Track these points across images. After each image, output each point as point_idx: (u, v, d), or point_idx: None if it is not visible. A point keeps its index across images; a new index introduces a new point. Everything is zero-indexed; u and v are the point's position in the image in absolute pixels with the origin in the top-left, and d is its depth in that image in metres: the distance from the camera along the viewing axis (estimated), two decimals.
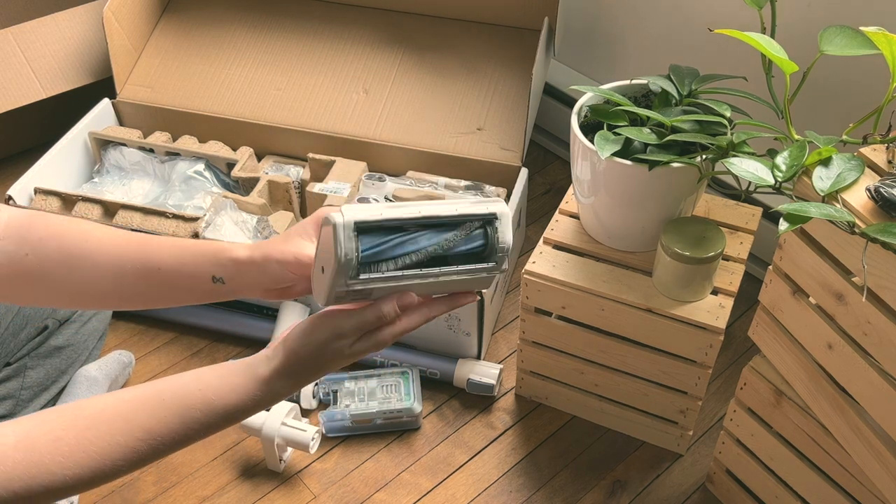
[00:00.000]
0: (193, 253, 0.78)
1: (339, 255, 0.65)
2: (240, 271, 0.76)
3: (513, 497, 1.25)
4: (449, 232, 0.69)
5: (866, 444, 0.90)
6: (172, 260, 0.78)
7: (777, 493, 1.10)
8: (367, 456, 1.29)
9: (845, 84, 1.25)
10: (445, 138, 1.52)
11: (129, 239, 0.79)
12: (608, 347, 1.20)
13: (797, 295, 0.94)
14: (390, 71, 1.60)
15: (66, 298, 0.82)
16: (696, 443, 1.31)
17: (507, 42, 1.60)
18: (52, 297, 0.82)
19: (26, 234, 0.78)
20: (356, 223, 0.65)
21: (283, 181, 1.47)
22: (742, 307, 1.47)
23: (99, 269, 0.78)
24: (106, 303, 0.83)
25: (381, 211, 0.66)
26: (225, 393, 0.70)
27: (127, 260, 0.78)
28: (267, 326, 1.41)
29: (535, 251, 1.20)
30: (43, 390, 1.22)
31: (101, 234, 0.80)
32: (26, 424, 0.66)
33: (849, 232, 0.79)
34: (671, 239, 1.07)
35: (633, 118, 1.09)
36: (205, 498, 1.25)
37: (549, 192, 1.72)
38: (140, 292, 0.79)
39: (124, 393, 0.70)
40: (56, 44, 1.66)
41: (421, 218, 0.67)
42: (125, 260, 0.78)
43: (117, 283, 0.79)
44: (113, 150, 1.58)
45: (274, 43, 1.66)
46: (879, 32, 0.79)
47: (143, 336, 1.46)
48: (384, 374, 1.33)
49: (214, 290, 0.78)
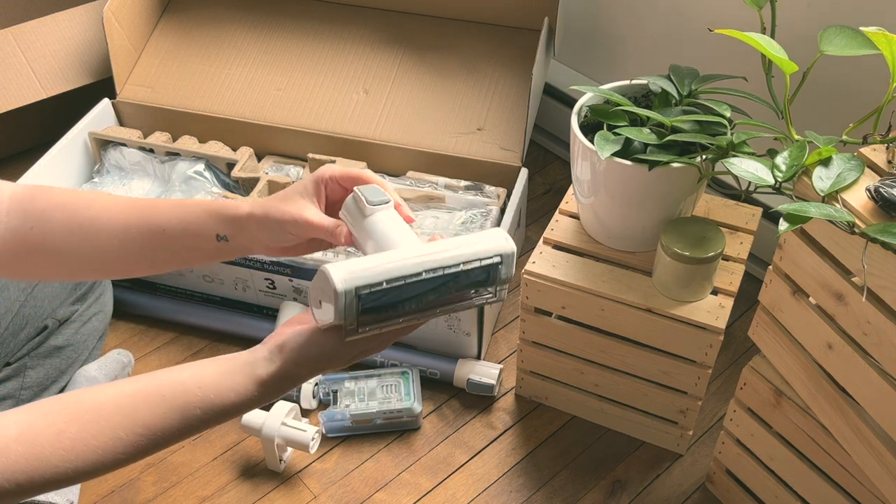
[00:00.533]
0: (197, 212, 0.78)
1: (340, 320, 0.65)
2: (242, 228, 0.77)
3: (513, 497, 1.25)
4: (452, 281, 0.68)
5: (866, 444, 0.90)
6: (176, 220, 0.78)
7: (777, 493, 1.10)
8: (367, 456, 1.29)
9: (845, 84, 1.25)
10: (445, 138, 1.52)
11: (132, 204, 0.80)
12: (608, 347, 1.20)
13: (797, 295, 0.94)
14: (390, 71, 1.60)
15: (75, 269, 0.82)
16: (696, 443, 1.31)
17: (507, 42, 1.60)
18: (61, 269, 0.82)
19: (29, 207, 0.79)
20: (357, 291, 0.64)
21: (283, 181, 1.47)
22: (742, 307, 1.47)
23: (105, 236, 0.79)
24: (114, 270, 0.83)
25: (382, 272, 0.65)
26: (224, 392, 0.70)
27: (132, 224, 0.78)
28: (267, 326, 1.41)
29: (535, 251, 1.20)
30: (43, 390, 1.22)
31: (105, 201, 0.80)
32: (28, 416, 0.67)
33: (849, 232, 0.79)
34: (671, 239, 1.07)
35: (633, 118, 1.09)
36: (205, 498, 1.25)
37: (549, 192, 1.72)
38: (147, 255, 0.80)
39: (125, 385, 0.71)
40: (56, 44, 1.66)
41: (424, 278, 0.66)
42: (130, 224, 0.78)
43: (124, 248, 0.79)
44: (113, 150, 1.58)
45: (274, 43, 1.66)
46: (879, 32, 0.79)
47: (143, 336, 1.46)
48: (384, 374, 1.33)
49: (219, 249, 0.78)
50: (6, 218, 0.78)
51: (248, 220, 0.77)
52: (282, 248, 0.79)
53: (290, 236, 0.77)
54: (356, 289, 0.64)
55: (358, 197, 0.74)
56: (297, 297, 1.40)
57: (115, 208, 0.80)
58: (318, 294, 0.68)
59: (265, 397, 0.72)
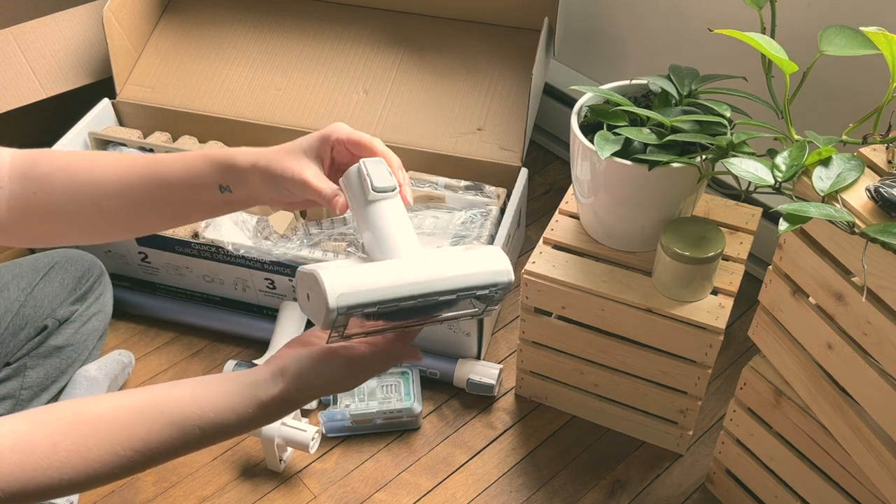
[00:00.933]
0: (199, 163, 0.76)
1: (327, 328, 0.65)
2: (244, 178, 0.75)
3: (513, 497, 1.25)
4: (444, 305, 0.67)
5: (866, 444, 0.90)
6: (179, 172, 0.77)
7: (777, 493, 1.10)
8: (367, 456, 1.29)
9: (845, 84, 1.25)
10: (445, 138, 1.52)
11: (134, 160, 0.79)
12: (608, 347, 1.20)
13: (797, 295, 0.94)
14: (390, 71, 1.60)
15: (82, 231, 0.81)
16: (696, 443, 1.31)
17: (507, 42, 1.60)
18: (68, 233, 0.81)
19: (30, 171, 0.78)
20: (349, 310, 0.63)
21: None
22: (742, 307, 1.46)
23: (109, 195, 0.77)
24: (119, 228, 0.82)
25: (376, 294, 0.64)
26: (223, 412, 0.70)
27: (135, 180, 0.77)
28: (267, 326, 1.41)
29: (535, 251, 1.20)
30: (43, 390, 1.22)
31: (107, 159, 0.79)
32: (24, 425, 0.66)
33: (849, 232, 0.79)
34: (671, 239, 1.07)
35: (633, 118, 1.09)
36: (205, 498, 1.25)
37: (549, 192, 1.72)
38: (151, 211, 0.79)
39: (123, 398, 0.70)
40: (56, 44, 1.66)
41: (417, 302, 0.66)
42: (134, 180, 0.77)
43: (128, 206, 0.78)
44: (113, 150, 1.58)
45: (274, 43, 1.66)
46: (879, 32, 0.79)
47: (143, 336, 1.46)
48: (384, 374, 1.33)
49: (223, 200, 0.77)
50: (8, 183, 0.77)
51: (250, 172, 0.74)
52: (284, 202, 0.76)
53: (286, 192, 0.74)
54: (348, 308, 0.63)
55: (363, 176, 0.70)
56: (296, 297, 1.40)
57: (118, 165, 0.78)
58: (307, 289, 0.67)
59: (265, 419, 0.72)
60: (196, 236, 1.37)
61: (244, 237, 1.36)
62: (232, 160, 0.75)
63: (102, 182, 0.77)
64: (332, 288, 0.63)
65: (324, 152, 0.74)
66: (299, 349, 0.72)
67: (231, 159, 0.75)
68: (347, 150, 0.75)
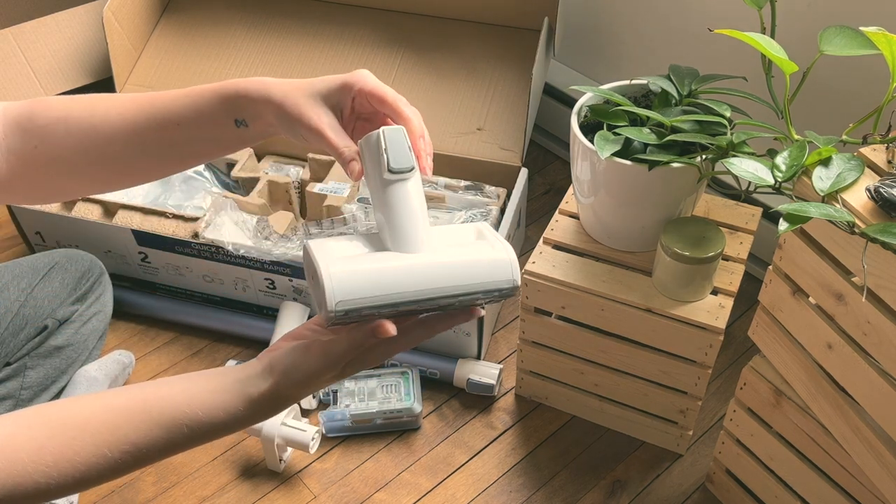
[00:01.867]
0: (209, 99, 0.71)
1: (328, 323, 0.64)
2: (259, 114, 0.71)
3: (513, 497, 1.25)
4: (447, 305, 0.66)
5: (866, 444, 0.90)
6: (188, 111, 0.72)
7: (777, 493, 1.10)
8: (367, 456, 1.29)
9: (845, 84, 1.25)
10: (445, 138, 1.52)
11: (136, 101, 0.74)
12: (608, 347, 1.20)
13: (797, 295, 0.94)
14: (390, 71, 1.60)
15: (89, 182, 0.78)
16: (696, 443, 1.31)
17: (507, 42, 1.60)
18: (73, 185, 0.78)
19: (28, 124, 0.74)
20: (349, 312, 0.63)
21: (282, 181, 1.47)
22: (742, 307, 1.46)
23: (113, 140, 0.73)
24: (127, 174, 0.77)
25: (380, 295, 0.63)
26: (213, 410, 0.68)
27: (140, 123, 0.73)
28: (267, 326, 1.41)
29: (535, 251, 1.20)
30: (43, 390, 1.22)
31: (108, 103, 0.74)
32: (9, 428, 0.65)
33: (849, 232, 0.79)
34: (671, 239, 1.07)
35: (632, 118, 1.09)
36: (205, 498, 1.25)
37: (549, 192, 1.72)
38: (161, 152, 0.74)
39: (111, 399, 0.68)
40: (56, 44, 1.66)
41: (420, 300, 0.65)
42: (139, 123, 0.73)
43: (135, 150, 0.74)
44: None
45: (274, 43, 1.66)
46: (879, 32, 0.79)
47: (143, 336, 1.46)
48: (384, 374, 1.33)
49: (240, 136, 0.73)
50: (6, 140, 0.73)
51: (265, 106, 0.70)
52: (298, 143, 0.72)
53: (301, 137, 0.70)
54: (346, 312, 0.63)
55: (381, 151, 0.66)
56: (296, 297, 1.40)
57: (120, 108, 0.73)
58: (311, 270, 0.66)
59: (256, 417, 0.69)
60: (196, 236, 1.37)
61: (244, 237, 1.36)
62: (245, 92, 0.70)
63: (104, 129, 0.73)
64: (333, 292, 0.62)
65: (344, 101, 0.70)
66: (291, 342, 0.70)
67: (244, 91, 0.70)
68: (369, 102, 0.70)
